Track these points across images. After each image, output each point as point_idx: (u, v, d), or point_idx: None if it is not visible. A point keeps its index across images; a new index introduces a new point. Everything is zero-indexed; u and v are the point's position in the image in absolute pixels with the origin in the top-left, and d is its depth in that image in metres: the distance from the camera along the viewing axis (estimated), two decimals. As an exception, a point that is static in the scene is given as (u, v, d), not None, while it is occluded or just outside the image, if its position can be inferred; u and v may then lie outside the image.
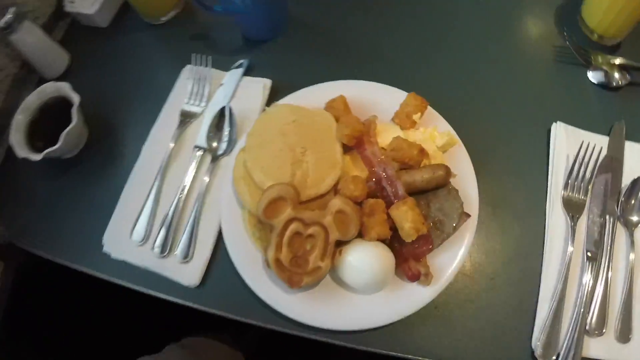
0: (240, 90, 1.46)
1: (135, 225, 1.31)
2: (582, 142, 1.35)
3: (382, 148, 1.26)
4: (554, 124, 1.39)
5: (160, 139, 1.41)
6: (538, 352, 1.15)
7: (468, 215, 1.22)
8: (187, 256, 1.27)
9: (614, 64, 1.44)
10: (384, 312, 1.17)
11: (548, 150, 1.37)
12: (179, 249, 1.28)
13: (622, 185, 1.32)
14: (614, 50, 1.51)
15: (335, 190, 1.23)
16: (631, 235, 1.26)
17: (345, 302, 1.20)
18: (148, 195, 1.34)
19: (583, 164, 1.33)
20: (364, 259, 1.15)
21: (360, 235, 1.19)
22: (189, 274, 1.27)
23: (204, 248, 1.29)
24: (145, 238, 1.30)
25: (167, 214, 1.31)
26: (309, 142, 1.26)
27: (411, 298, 1.18)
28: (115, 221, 1.34)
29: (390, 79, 1.41)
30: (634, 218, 1.28)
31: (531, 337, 1.18)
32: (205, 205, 1.33)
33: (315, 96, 1.36)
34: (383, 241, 1.19)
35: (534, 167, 1.37)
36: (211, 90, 1.47)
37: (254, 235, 1.23)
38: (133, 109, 1.50)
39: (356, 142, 1.25)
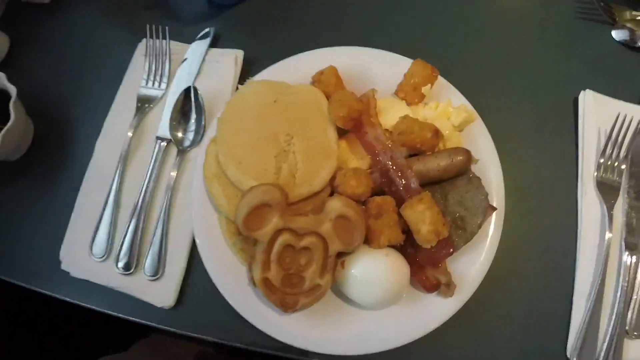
0: (207, 66, 1.10)
1: (94, 237, 0.99)
2: (617, 114, 1.04)
3: (386, 130, 0.93)
4: (582, 92, 1.07)
5: (116, 132, 1.06)
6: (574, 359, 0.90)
7: (494, 209, 0.92)
8: (157, 272, 0.96)
9: (642, 20, 1.13)
10: (398, 331, 0.88)
11: (577, 123, 1.07)
12: (147, 264, 0.96)
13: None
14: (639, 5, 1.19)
15: (331, 185, 0.90)
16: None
17: (351, 321, 0.90)
18: (106, 200, 1.01)
19: (617, 141, 1.02)
20: (373, 272, 0.85)
21: (366, 241, 0.87)
22: (162, 293, 0.96)
23: (177, 261, 0.97)
24: (107, 252, 0.98)
25: (130, 222, 0.98)
26: (295, 127, 0.92)
27: (430, 312, 0.89)
28: (72, 233, 1.01)
29: (389, 45, 1.05)
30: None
31: (566, 342, 0.93)
32: (174, 209, 1.00)
33: (298, 69, 1.01)
34: (394, 246, 0.88)
35: (561, 143, 1.06)
36: (172, 68, 1.11)
37: (235, 246, 0.91)
38: (84, 97, 1.13)
39: (354, 125, 0.91)
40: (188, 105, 1.03)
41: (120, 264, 0.96)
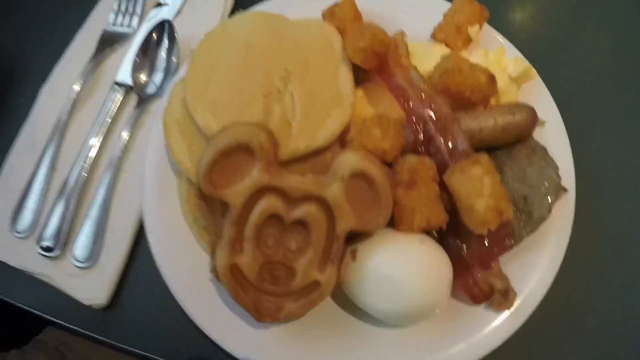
0: (189, 6, 0.75)
1: (20, 207, 0.63)
2: None
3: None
4: None
5: (68, 78, 0.70)
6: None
7: (564, 190, 0.56)
8: (89, 258, 0.60)
9: None
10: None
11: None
12: (78, 246, 0.61)
13: None
14: None
15: (342, 142, 0.54)
16: None
17: (361, 343, 0.52)
18: (39, 161, 0.65)
19: None
20: (401, 268, 0.47)
21: (391, 223, 0.51)
22: (92, 286, 0.60)
23: (117, 245, 0.61)
24: (32, 228, 0.62)
25: (63, 190, 0.62)
26: (296, 65, 0.57)
27: (477, 333, 0.52)
28: None
29: None
30: None
31: None
32: (121, 177, 0.64)
33: (305, 4, 0.66)
34: (429, 233, 0.52)
35: (633, 131, 0.69)
36: (147, 8, 0.75)
37: (197, 224, 0.54)
38: (41, 42, 0.77)
39: (378, 64, 0.56)
40: (159, 44, 0.68)
41: (44, 243, 0.61)
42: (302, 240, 0.47)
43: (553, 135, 0.60)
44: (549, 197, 0.53)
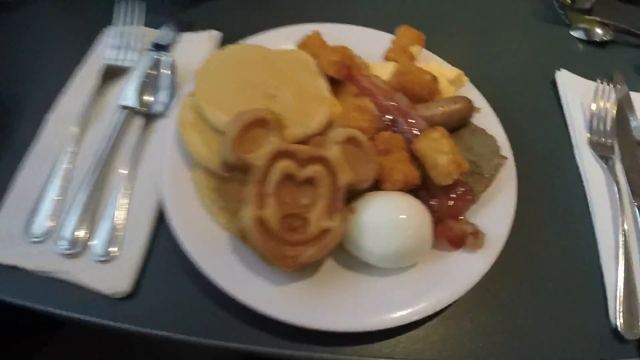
0: (179, 46, 0.88)
1: (34, 214, 0.66)
2: (595, 88, 0.93)
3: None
4: (557, 72, 0.96)
5: (74, 105, 0.78)
6: (621, 327, 0.66)
7: (504, 158, 0.72)
8: (109, 253, 0.64)
9: (595, 20, 1.08)
10: (420, 299, 0.60)
11: (559, 100, 0.94)
12: (99, 240, 0.65)
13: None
14: (588, 12, 1.14)
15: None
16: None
17: (363, 290, 0.61)
18: (51, 174, 0.70)
19: (602, 108, 0.90)
20: (391, 213, 0.60)
21: (375, 187, 0.64)
22: (114, 276, 0.63)
23: (136, 239, 0.66)
24: (47, 232, 0.65)
25: (77, 194, 0.68)
26: (283, 78, 0.71)
27: (456, 272, 0.63)
28: (6, 212, 0.67)
29: (368, 22, 0.90)
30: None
31: (607, 309, 0.69)
32: (137, 179, 0.70)
33: (279, 40, 0.82)
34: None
35: (549, 117, 0.92)
36: (142, 46, 0.87)
37: (215, 204, 0.63)
38: (38, 78, 0.84)
39: (347, 74, 0.72)
40: (160, 72, 0.79)
41: (63, 243, 0.64)
42: (311, 197, 0.57)
43: (487, 121, 0.77)
44: (493, 159, 0.69)
